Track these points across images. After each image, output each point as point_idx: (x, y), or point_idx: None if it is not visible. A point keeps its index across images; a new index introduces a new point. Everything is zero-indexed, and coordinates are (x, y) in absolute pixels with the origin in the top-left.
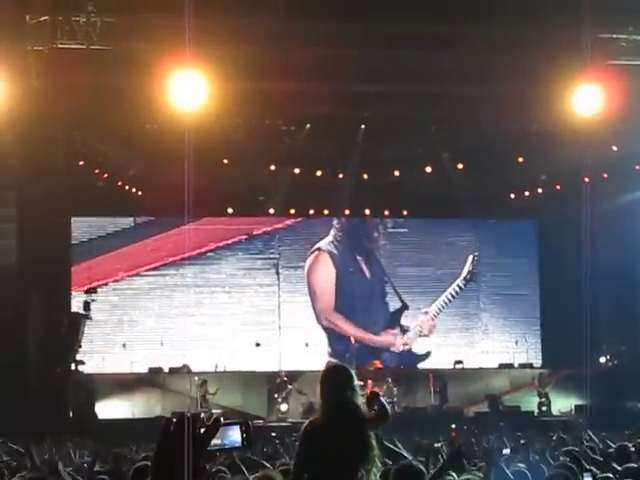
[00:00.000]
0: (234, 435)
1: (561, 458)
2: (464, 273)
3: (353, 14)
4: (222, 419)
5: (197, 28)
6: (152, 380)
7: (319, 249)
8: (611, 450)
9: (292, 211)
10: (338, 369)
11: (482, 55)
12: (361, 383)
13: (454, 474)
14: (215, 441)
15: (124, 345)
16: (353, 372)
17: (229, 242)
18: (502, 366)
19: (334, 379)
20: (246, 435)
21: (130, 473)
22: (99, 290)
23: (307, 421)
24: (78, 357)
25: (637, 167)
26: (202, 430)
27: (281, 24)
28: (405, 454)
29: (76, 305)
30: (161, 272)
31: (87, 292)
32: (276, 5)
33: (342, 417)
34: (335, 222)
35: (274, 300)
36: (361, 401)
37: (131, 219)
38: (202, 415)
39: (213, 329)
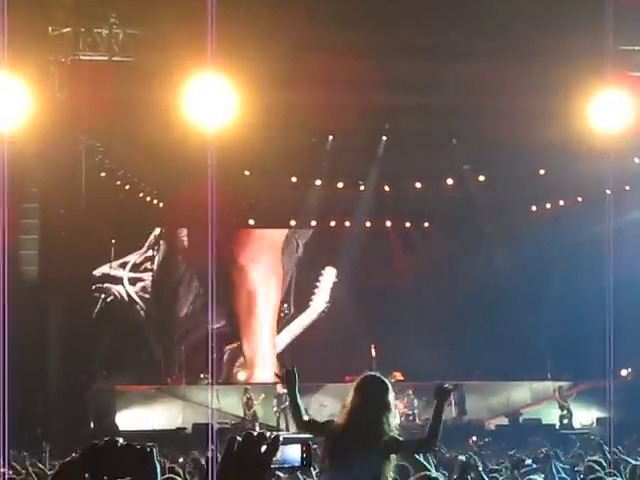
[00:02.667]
0: (294, 454)
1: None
2: None
3: (375, 25)
4: (282, 437)
5: (220, 39)
6: (172, 391)
7: None
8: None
9: (313, 223)
10: (374, 379)
11: (503, 67)
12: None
13: None
14: (276, 458)
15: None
16: (389, 385)
17: None
18: (523, 378)
19: (366, 388)
20: (306, 455)
21: None
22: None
23: (333, 420)
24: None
25: None
26: (264, 448)
27: (303, 35)
28: (429, 466)
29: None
30: None
31: None
32: (297, 16)
33: (360, 428)
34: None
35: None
36: (392, 414)
37: None
38: (267, 434)
39: None
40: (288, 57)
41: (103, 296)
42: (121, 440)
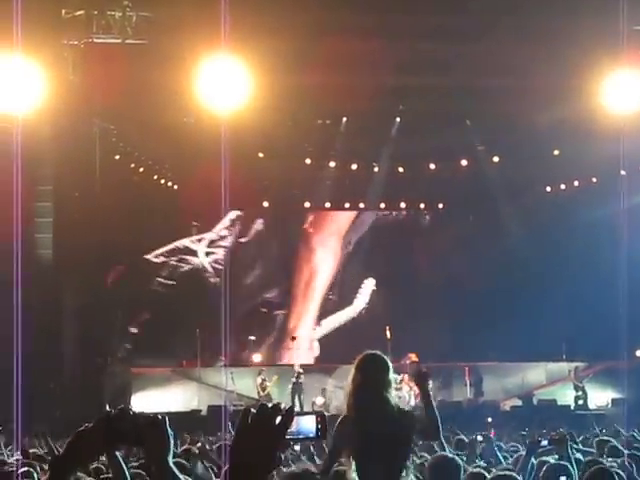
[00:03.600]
0: (309, 425)
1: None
2: None
3: (388, 7)
4: (295, 410)
5: (233, 21)
6: (187, 373)
7: None
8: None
9: (327, 204)
10: (374, 357)
11: (517, 47)
12: (398, 377)
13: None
14: (291, 430)
15: None
16: (389, 362)
17: None
18: (538, 359)
19: (367, 366)
20: (321, 426)
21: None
22: None
23: (341, 417)
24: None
25: None
26: (278, 419)
27: (316, 17)
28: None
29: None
30: None
31: None
32: None
33: (371, 413)
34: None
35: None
36: (394, 394)
37: None
38: (282, 405)
39: None
40: (301, 39)
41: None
42: (134, 409)
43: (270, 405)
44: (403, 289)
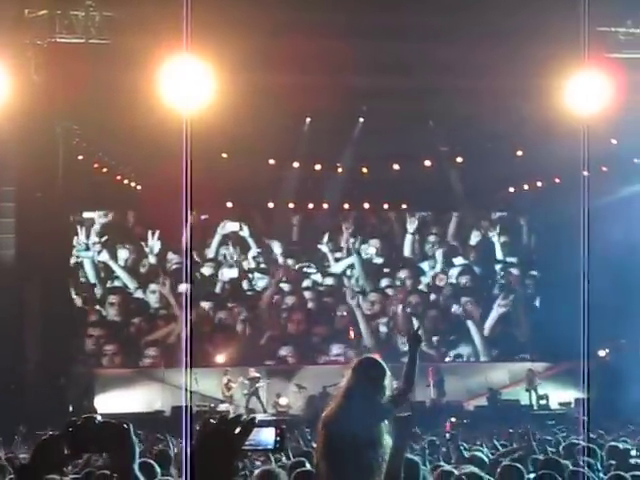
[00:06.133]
0: (268, 437)
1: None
2: None
3: (351, 6)
4: (256, 420)
5: (196, 21)
6: (151, 374)
7: None
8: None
9: (291, 205)
10: (371, 361)
11: (479, 47)
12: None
13: None
14: (250, 440)
15: None
16: (386, 368)
17: None
18: (501, 359)
19: (363, 370)
20: (279, 437)
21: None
22: None
23: (328, 408)
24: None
25: (636, 160)
26: (238, 430)
27: (279, 17)
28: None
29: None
30: None
31: None
32: None
33: (354, 408)
34: None
35: None
36: (387, 399)
37: None
38: (242, 416)
39: None
40: (265, 39)
41: None
42: (99, 417)
43: (229, 416)
44: None
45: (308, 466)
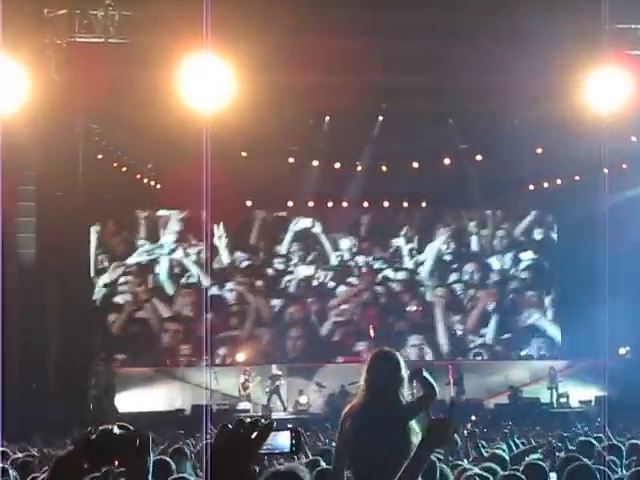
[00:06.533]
0: (284, 441)
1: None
2: None
3: (372, 5)
4: (274, 424)
5: (216, 20)
6: (171, 373)
7: None
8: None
9: (310, 203)
10: (386, 355)
11: (499, 46)
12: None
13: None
14: (266, 445)
15: None
16: (401, 359)
17: None
18: (522, 357)
19: (379, 365)
20: (295, 441)
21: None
22: None
23: (348, 405)
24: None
25: None
26: (255, 434)
27: (300, 15)
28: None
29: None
30: None
31: None
32: None
33: (379, 403)
34: None
35: None
36: (406, 390)
37: None
38: (260, 421)
39: None
40: (285, 38)
41: None
42: (115, 429)
43: (247, 420)
44: None
45: (323, 464)
